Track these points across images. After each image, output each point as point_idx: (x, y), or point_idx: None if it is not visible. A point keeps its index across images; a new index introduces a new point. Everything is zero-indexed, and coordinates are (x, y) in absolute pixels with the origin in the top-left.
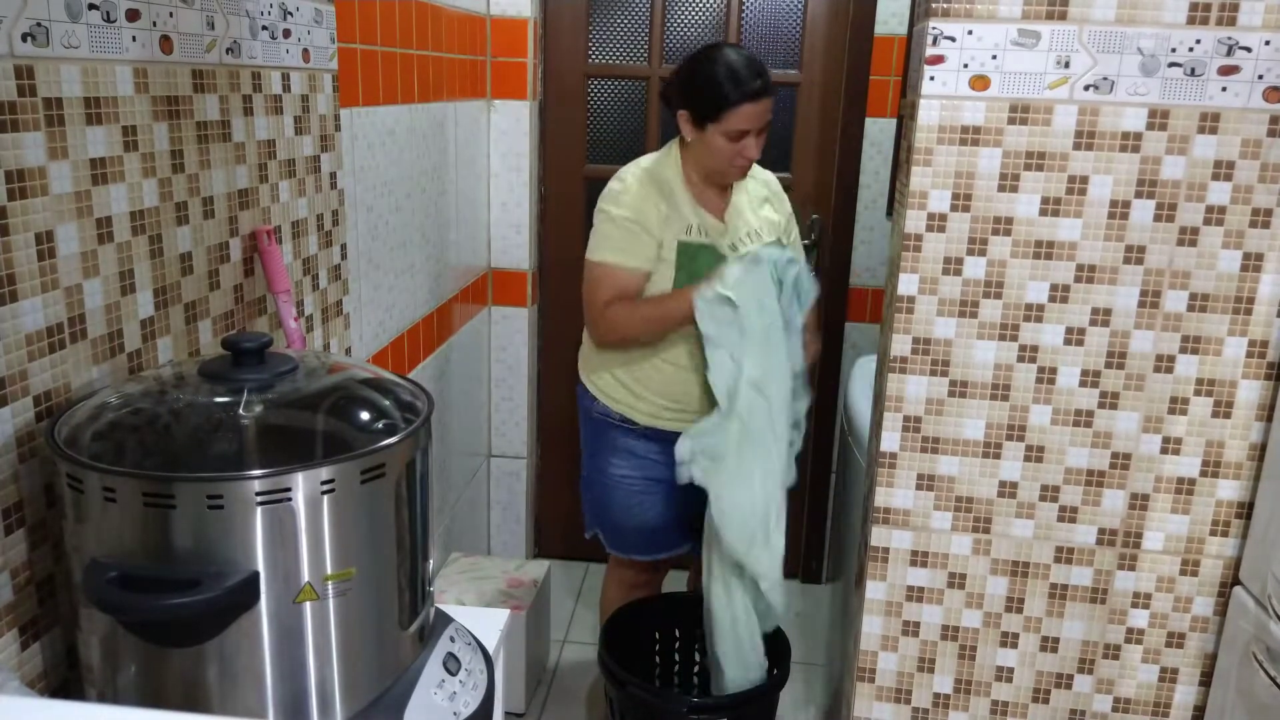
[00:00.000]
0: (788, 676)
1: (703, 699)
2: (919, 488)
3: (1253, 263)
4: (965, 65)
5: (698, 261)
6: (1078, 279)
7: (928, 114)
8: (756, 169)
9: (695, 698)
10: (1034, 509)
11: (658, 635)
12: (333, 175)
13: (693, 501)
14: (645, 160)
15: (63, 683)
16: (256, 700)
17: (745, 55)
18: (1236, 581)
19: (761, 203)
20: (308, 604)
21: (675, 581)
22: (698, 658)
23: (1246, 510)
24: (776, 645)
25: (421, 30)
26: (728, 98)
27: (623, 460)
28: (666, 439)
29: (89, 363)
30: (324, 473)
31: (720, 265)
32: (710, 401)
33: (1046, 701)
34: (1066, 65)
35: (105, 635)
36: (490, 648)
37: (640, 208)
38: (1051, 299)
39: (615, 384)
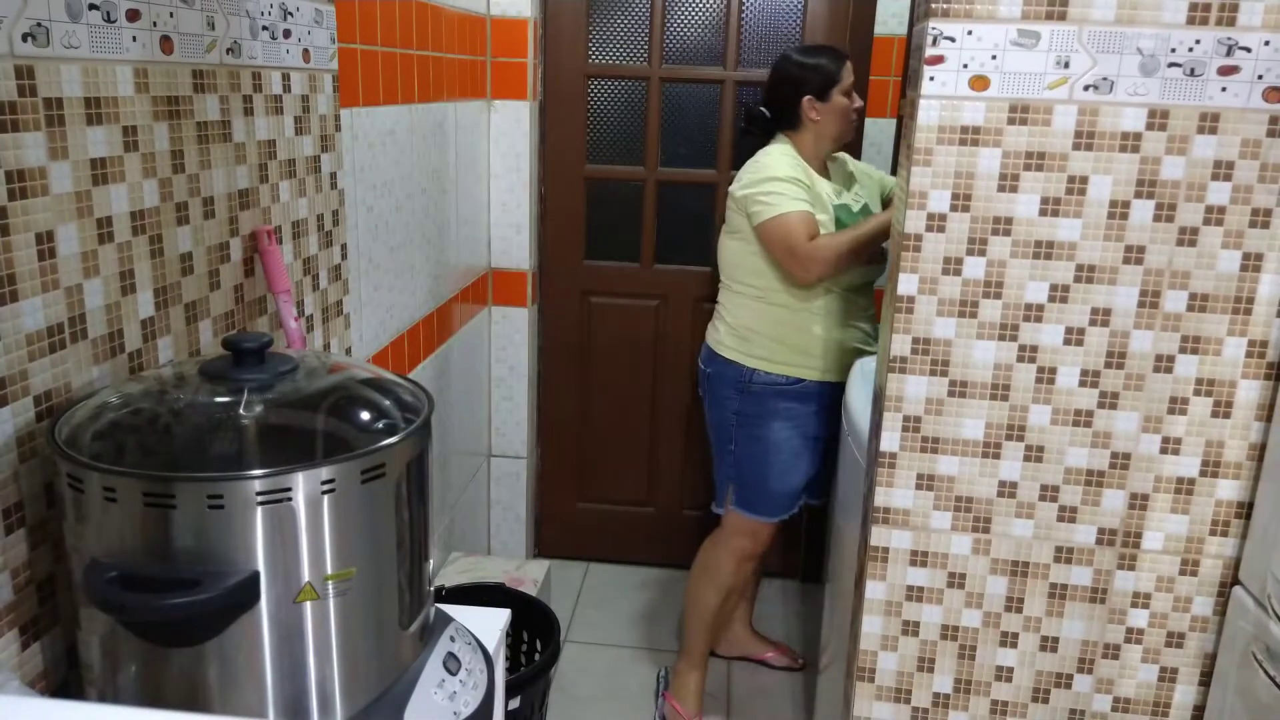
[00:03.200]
0: (558, 654)
1: None
2: (919, 487)
3: (1252, 263)
4: (965, 65)
5: (843, 222)
6: (1077, 279)
7: (927, 114)
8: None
9: None
10: (1034, 509)
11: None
12: (333, 175)
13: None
14: (769, 152)
15: (63, 682)
16: (256, 700)
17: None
18: (1236, 581)
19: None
20: (308, 604)
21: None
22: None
23: (1246, 510)
24: (546, 622)
25: (421, 30)
26: (837, 61)
27: (783, 423)
28: (824, 394)
29: (89, 363)
30: (324, 472)
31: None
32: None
33: (1046, 701)
34: (1066, 65)
35: (105, 635)
36: (490, 648)
37: (796, 175)
38: (1051, 299)
39: (783, 349)
